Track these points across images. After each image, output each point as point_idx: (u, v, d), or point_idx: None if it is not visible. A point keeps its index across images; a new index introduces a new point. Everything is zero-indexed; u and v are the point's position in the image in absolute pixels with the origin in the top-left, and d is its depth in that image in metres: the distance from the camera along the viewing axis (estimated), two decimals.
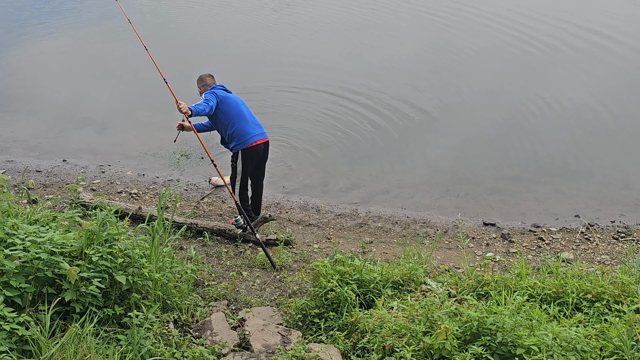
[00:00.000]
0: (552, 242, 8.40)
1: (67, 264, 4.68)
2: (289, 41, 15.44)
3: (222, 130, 7.92)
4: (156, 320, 5.15)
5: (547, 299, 5.67)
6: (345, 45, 15.15)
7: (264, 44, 15.08)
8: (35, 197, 8.47)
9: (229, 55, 14.15)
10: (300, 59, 14.12)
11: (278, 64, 13.81)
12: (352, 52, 14.71)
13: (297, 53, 14.53)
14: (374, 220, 8.94)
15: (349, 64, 13.87)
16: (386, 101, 12.07)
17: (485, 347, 4.55)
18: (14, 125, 11.25)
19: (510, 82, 13.18)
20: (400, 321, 5.03)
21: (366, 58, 14.20)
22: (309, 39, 15.58)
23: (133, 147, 10.67)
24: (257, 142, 7.85)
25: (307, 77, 13.22)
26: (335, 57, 14.34)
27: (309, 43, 15.31)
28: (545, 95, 12.40)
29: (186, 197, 9.25)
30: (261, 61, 14.07)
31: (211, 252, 7.65)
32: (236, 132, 7.78)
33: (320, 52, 14.62)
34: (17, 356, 4.16)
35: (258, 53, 14.53)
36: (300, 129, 11.19)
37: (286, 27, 16.35)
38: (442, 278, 6.16)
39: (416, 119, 11.51)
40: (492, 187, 9.77)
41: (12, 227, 5.07)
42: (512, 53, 14.38)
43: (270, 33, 15.88)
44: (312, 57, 14.24)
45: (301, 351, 4.95)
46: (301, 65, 13.73)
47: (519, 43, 14.81)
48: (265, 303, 6.40)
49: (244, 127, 7.80)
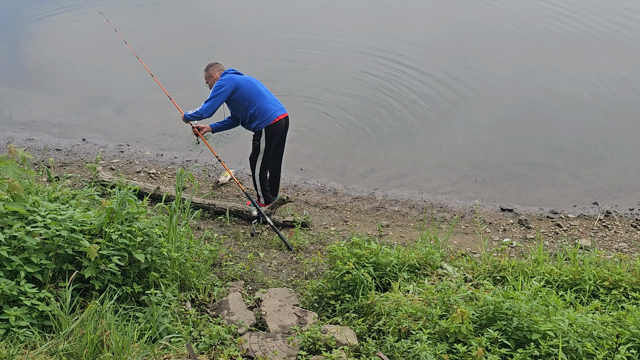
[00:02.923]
0: (569, 228, 8.37)
1: (87, 242, 4.74)
2: (310, 19, 15.35)
3: (242, 112, 7.94)
4: (174, 299, 5.20)
5: (563, 285, 5.66)
6: (367, 26, 15.07)
7: (283, 20, 15.02)
8: (55, 175, 8.55)
9: (247, 37, 14.13)
10: (320, 39, 14.05)
11: (296, 45, 13.75)
12: (373, 32, 14.63)
13: (317, 33, 14.45)
14: (391, 204, 8.94)
15: (369, 45, 13.78)
16: (405, 84, 12.02)
17: (501, 331, 4.56)
18: (34, 104, 11.31)
19: (533, 66, 13.08)
20: (416, 304, 5.04)
21: (388, 39, 14.09)
22: (328, 18, 15.48)
23: (152, 127, 10.71)
24: (280, 117, 7.88)
25: (327, 57, 13.17)
26: (355, 37, 14.25)
27: (329, 22, 15.20)
28: (566, 80, 12.31)
29: (204, 177, 9.29)
30: (278, 39, 14.04)
31: (228, 232, 7.69)
32: (258, 111, 7.80)
33: (342, 32, 14.51)
34: (38, 331, 4.22)
35: (276, 29, 14.49)
36: (319, 112, 11.17)
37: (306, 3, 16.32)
38: (458, 262, 6.17)
39: (435, 102, 11.45)
40: (510, 173, 9.73)
41: (33, 204, 5.13)
42: (537, 38, 14.27)
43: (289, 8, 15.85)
44: (333, 38, 14.15)
45: (317, 332, 4.98)
46: (321, 46, 13.66)
47: (545, 28, 14.70)
48: (282, 284, 6.43)
49: (264, 104, 7.82)
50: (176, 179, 6.80)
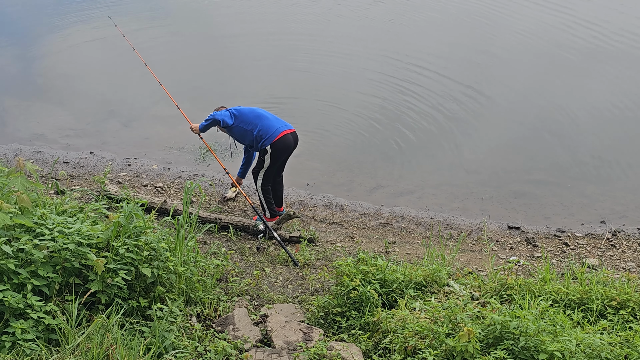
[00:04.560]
0: (577, 247, 8.34)
1: (94, 255, 4.74)
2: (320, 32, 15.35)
3: (248, 137, 8.11)
4: (180, 314, 5.19)
5: (571, 304, 5.64)
6: (377, 39, 15.06)
7: (293, 32, 15.07)
8: (62, 188, 8.57)
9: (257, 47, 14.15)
10: (331, 53, 14.06)
11: (306, 58, 13.75)
12: (384, 45, 14.61)
13: (328, 46, 14.47)
14: (398, 220, 8.93)
15: (379, 60, 13.78)
16: (413, 100, 12.00)
17: (507, 351, 4.54)
18: (42, 116, 11.35)
19: (544, 81, 13.07)
20: (423, 322, 5.02)
21: (399, 54, 14.05)
22: (340, 30, 15.47)
23: (159, 141, 10.74)
24: (285, 132, 7.96)
25: (336, 72, 13.19)
26: (366, 51, 14.27)
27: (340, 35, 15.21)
28: (574, 99, 12.28)
29: (211, 192, 9.30)
30: (288, 50, 14.09)
31: (235, 247, 7.69)
32: (261, 131, 7.94)
33: (352, 46, 14.52)
34: (44, 344, 4.22)
35: (287, 41, 14.52)
36: (326, 128, 11.17)
37: (318, 17, 16.34)
38: (465, 280, 6.15)
39: (442, 119, 11.43)
40: (517, 190, 9.71)
41: (40, 217, 5.13)
42: (551, 50, 14.26)
43: (302, 20, 15.89)
44: (344, 52, 14.14)
45: (323, 349, 4.96)
46: (331, 61, 13.66)
47: (560, 40, 14.73)
48: (288, 300, 6.42)
49: (267, 123, 7.98)
50: (184, 192, 6.80)
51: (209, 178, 9.66)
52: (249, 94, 12.06)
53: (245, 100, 11.82)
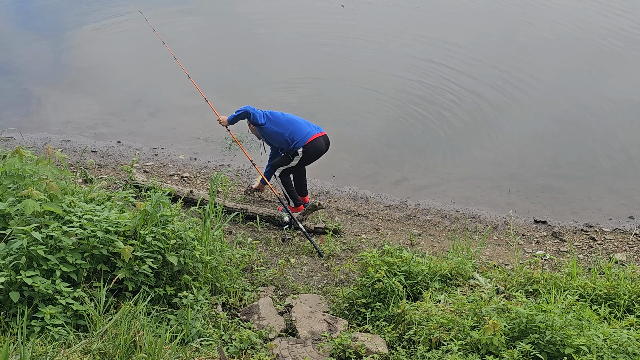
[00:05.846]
0: (604, 242, 8.26)
1: (121, 243, 4.79)
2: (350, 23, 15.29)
3: (278, 139, 8.16)
4: (205, 302, 5.24)
5: (597, 299, 5.59)
6: (407, 28, 15.00)
7: (322, 25, 15.02)
8: (90, 176, 8.66)
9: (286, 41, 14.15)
10: (358, 45, 14.02)
11: (333, 52, 13.73)
12: (414, 36, 14.55)
13: (355, 37, 14.42)
14: (423, 213, 8.90)
15: (408, 51, 13.71)
16: (440, 92, 11.93)
17: (533, 344, 4.52)
18: (71, 105, 11.46)
19: (571, 78, 12.89)
20: (448, 315, 5.01)
21: (429, 45, 13.98)
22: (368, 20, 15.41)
23: (186, 131, 10.79)
24: (316, 136, 8.06)
25: (363, 63, 13.17)
26: (394, 42, 14.22)
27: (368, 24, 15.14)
28: (605, 92, 12.13)
29: (236, 182, 9.34)
30: (316, 44, 14.05)
31: (260, 237, 7.72)
32: (293, 134, 8.04)
33: (381, 37, 14.48)
34: (72, 330, 4.28)
35: (315, 35, 14.48)
36: (353, 120, 11.16)
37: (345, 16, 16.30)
38: (490, 274, 6.12)
39: (470, 112, 11.35)
40: (544, 184, 9.63)
41: (69, 204, 5.20)
42: (578, 49, 14.06)
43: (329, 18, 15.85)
44: (371, 43, 14.11)
45: (347, 339, 4.98)
46: (358, 52, 13.64)
47: (586, 39, 14.50)
48: (312, 290, 6.44)
49: (297, 127, 8.09)
50: (211, 182, 6.85)
51: (235, 168, 9.70)
52: (277, 80, 12.25)
53: (273, 85, 11.88)
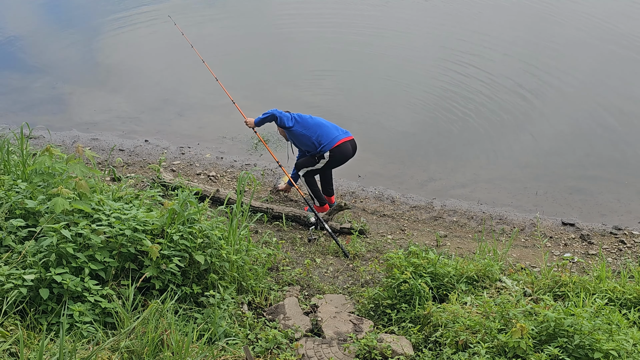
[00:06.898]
0: (634, 245, 8.15)
1: (149, 242, 4.83)
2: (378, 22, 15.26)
3: (306, 142, 8.15)
4: (231, 301, 5.26)
5: (627, 304, 5.52)
6: (437, 26, 14.96)
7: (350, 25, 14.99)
8: (118, 175, 8.73)
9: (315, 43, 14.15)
10: (385, 43, 13.98)
11: (362, 51, 13.69)
12: (443, 32, 14.50)
13: (383, 37, 14.37)
14: (449, 214, 8.86)
15: (437, 47, 13.69)
16: (468, 92, 11.84)
17: (561, 348, 4.48)
18: (99, 104, 11.57)
19: (602, 80, 12.72)
20: (475, 317, 4.98)
21: (459, 41, 13.93)
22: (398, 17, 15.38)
23: (212, 131, 10.84)
24: (343, 140, 8.06)
25: (391, 62, 13.15)
26: (423, 38, 14.18)
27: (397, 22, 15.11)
28: (635, 93, 11.98)
29: (262, 181, 9.36)
30: (345, 44, 14.02)
31: (286, 237, 7.74)
32: (320, 137, 8.04)
33: (409, 34, 14.46)
34: (100, 327, 4.31)
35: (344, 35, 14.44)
36: (378, 121, 11.13)
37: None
38: (517, 276, 6.07)
39: (497, 113, 11.27)
40: (573, 186, 9.52)
41: (98, 203, 5.25)
42: (611, 51, 13.87)
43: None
44: (399, 41, 14.07)
45: (373, 340, 4.97)
46: (385, 52, 13.61)
47: (622, 35, 14.35)
48: (338, 291, 6.43)
49: (325, 131, 8.10)
50: (238, 182, 6.88)
51: (261, 168, 9.72)
52: (305, 78, 12.31)
53: (301, 84, 11.92)
